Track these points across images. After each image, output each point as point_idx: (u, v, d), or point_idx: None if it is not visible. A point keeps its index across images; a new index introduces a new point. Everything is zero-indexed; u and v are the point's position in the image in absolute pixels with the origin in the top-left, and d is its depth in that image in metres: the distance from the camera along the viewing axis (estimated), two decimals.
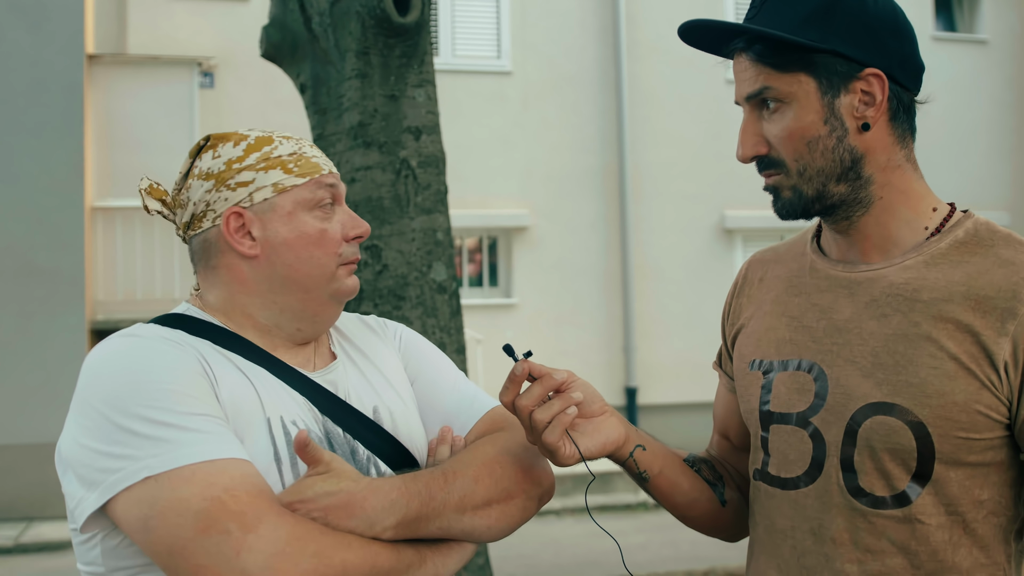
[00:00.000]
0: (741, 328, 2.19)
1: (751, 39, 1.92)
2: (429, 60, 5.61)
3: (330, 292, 2.00)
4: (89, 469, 1.69)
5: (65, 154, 12.00)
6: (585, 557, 9.52)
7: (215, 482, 1.64)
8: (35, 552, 10.41)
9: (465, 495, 1.90)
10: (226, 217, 1.94)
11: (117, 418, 1.69)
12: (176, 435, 1.67)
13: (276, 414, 1.86)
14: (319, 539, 1.67)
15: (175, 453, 1.65)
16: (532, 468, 2.05)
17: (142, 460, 1.65)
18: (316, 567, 1.64)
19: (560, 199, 15.46)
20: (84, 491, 1.70)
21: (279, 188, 1.94)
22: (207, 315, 1.97)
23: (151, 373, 1.74)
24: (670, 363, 15.59)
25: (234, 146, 1.96)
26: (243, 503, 1.63)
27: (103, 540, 1.75)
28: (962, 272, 1.85)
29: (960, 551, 1.84)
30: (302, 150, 1.99)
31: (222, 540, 1.60)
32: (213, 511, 1.62)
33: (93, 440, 1.70)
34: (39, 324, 11.74)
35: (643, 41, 15.74)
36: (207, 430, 1.70)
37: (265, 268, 1.95)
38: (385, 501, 1.77)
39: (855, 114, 1.89)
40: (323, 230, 1.97)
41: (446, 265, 5.49)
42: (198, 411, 1.72)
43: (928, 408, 1.80)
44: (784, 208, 1.97)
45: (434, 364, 2.25)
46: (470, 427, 2.14)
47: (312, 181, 1.97)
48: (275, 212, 1.94)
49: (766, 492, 2.05)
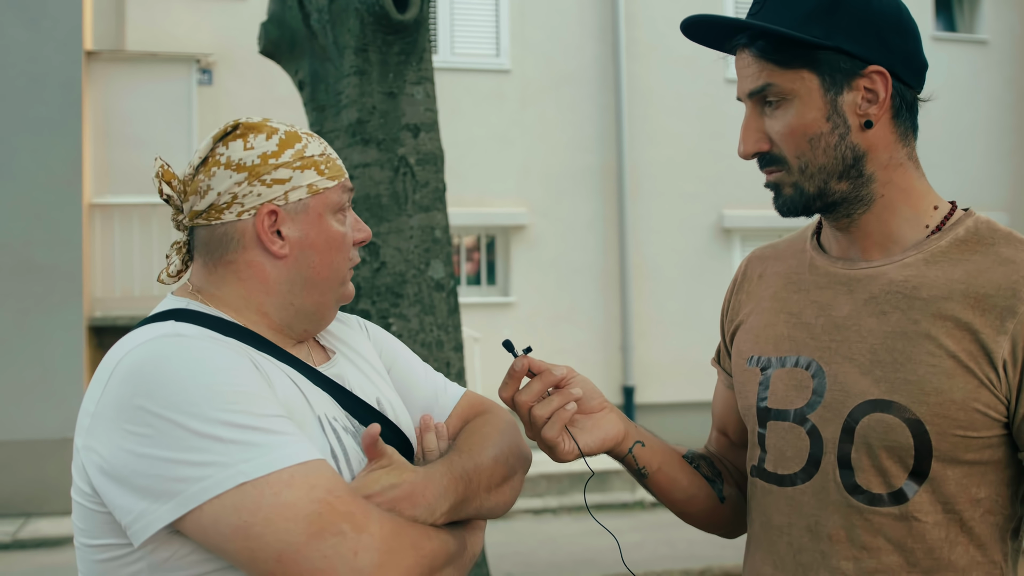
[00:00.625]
0: (740, 324, 2.19)
1: (754, 35, 1.92)
2: (428, 57, 5.61)
3: (338, 295, 2.00)
4: (157, 479, 1.60)
5: (63, 151, 11.99)
6: (582, 555, 9.52)
7: (316, 484, 1.62)
8: (32, 548, 10.41)
9: (491, 476, 1.96)
10: (262, 213, 1.88)
11: (193, 424, 1.61)
12: (263, 438, 1.63)
13: (323, 412, 1.86)
14: (411, 532, 1.70)
15: (268, 456, 1.61)
16: (520, 445, 2.12)
17: (233, 466, 1.59)
18: (416, 560, 1.68)
19: (558, 198, 15.46)
20: (148, 503, 1.61)
21: (313, 189, 1.91)
22: (217, 311, 1.91)
23: (218, 375, 1.67)
24: (667, 362, 15.59)
25: (267, 139, 1.90)
26: (348, 503, 1.62)
27: (151, 553, 1.67)
28: (962, 270, 1.85)
29: (957, 549, 1.84)
30: (328, 151, 1.98)
31: (339, 542, 1.58)
32: (324, 513, 1.59)
33: (159, 449, 1.60)
34: (37, 321, 11.74)
35: (642, 40, 15.74)
36: (290, 431, 1.67)
37: (290, 269, 1.92)
38: (439, 489, 1.81)
39: (858, 111, 1.88)
40: (344, 234, 1.97)
41: (444, 263, 5.49)
42: (275, 412, 1.68)
43: (926, 406, 1.80)
44: (785, 205, 1.97)
45: (403, 353, 2.27)
46: (449, 412, 2.17)
47: (339, 185, 1.96)
48: (307, 213, 1.91)
49: (763, 489, 2.05)
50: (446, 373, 5.38)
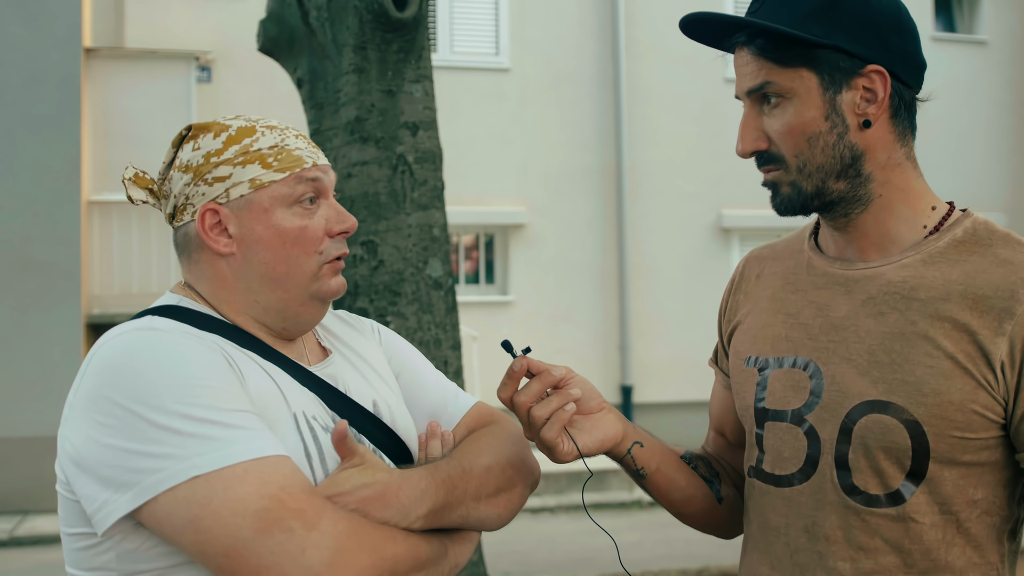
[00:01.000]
0: (737, 325, 2.19)
1: (753, 33, 1.91)
2: (427, 55, 5.61)
3: (311, 292, 1.94)
4: (118, 470, 1.62)
5: (62, 148, 11.99)
6: (579, 554, 9.52)
7: (269, 480, 1.61)
8: (30, 545, 10.41)
9: (481, 484, 1.92)
10: (201, 214, 1.88)
11: (153, 416, 1.62)
12: (222, 432, 1.63)
13: (299, 409, 1.84)
14: (372, 533, 1.67)
15: (224, 451, 1.61)
16: (527, 457, 2.08)
17: (188, 459, 1.60)
18: (373, 561, 1.64)
19: (557, 197, 15.46)
20: (110, 493, 1.63)
21: (256, 184, 1.87)
22: (203, 308, 1.91)
23: (184, 368, 1.68)
24: (666, 362, 15.60)
25: (214, 137, 1.89)
26: (300, 500, 1.61)
27: (120, 543, 1.68)
28: (960, 271, 1.85)
29: (953, 550, 1.84)
30: (285, 142, 1.92)
31: (286, 539, 1.58)
32: (273, 509, 1.59)
33: (122, 439, 1.62)
34: (35, 318, 11.74)
35: (641, 39, 15.75)
36: (252, 426, 1.67)
37: (243, 266, 1.90)
38: (416, 491, 1.77)
39: (856, 111, 1.88)
40: (302, 227, 1.91)
41: (442, 261, 5.49)
42: (239, 407, 1.68)
43: (924, 407, 1.79)
44: (782, 204, 1.96)
45: (415, 360, 2.25)
46: (456, 421, 2.14)
47: (292, 176, 1.90)
48: (251, 209, 1.88)
49: (760, 489, 2.04)
50: (444, 371, 5.38)
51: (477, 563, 5.70)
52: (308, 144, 1.97)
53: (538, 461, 2.15)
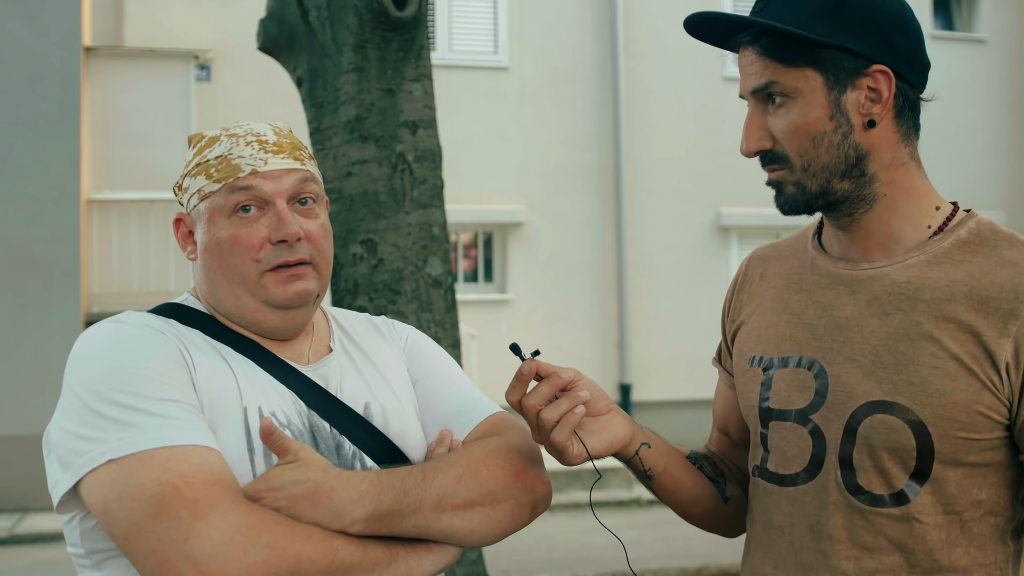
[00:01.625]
0: (741, 324, 2.19)
1: (758, 33, 1.91)
2: (426, 54, 5.61)
3: (261, 298, 1.94)
4: (65, 451, 1.72)
5: (61, 146, 11.99)
6: (579, 553, 9.53)
7: (172, 468, 1.64)
8: (29, 543, 10.42)
9: (444, 493, 1.85)
10: (175, 222, 2.04)
11: (90, 401, 1.72)
12: (141, 419, 1.69)
13: (254, 404, 1.85)
14: (274, 529, 1.63)
15: (138, 437, 1.67)
16: (524, 473, 2.01)
17: (107, 443, 1.67)
18: (267, 557, 1.60)
19: (556, 195, 15.46)
20: (60, 472, 1.73)
21: (202, 195, 1.95)
22: (202, 306, 2.01)
23: (125, 358, 1.77)
24: (664, 360, 15.60)
25: (191, 147, 2.02)
26: (197, 490, 1.63)
27: (80, 522, 1.79)
28: (964, 272, 1.85)
29: (957, 550, 1.85)
30: (231, 151, 1.94)
31: (172, 526, 1.59)
32: (166, 496, 1.61)
33: (70, 423, 1.73)
34: (34, 316, 11.74)
35: (640, 38, 15.75)
36: (173, 416, 1.71)
37: (202, 271, 1.99)
38: (354, 493, 1.73)
39: (861, 111, 1.88)
40: (234, 237, 1.92)
41: (442, 260, 5.49)
42: (168, 396, 1.73)
43: (928, 408, 1.80)
44: (787, 203, 1.97)
45: (439, 366, 2.22)
46: (470, 430, 2.10)
47: (225, 186, 1.92)
48: (200, 219, 1.97)
49: (764, 488, 2.05)
50: None
51: (476, 561, 5.71)
52: (260, 150, 1.95)
53: (546, 479, 2.07)
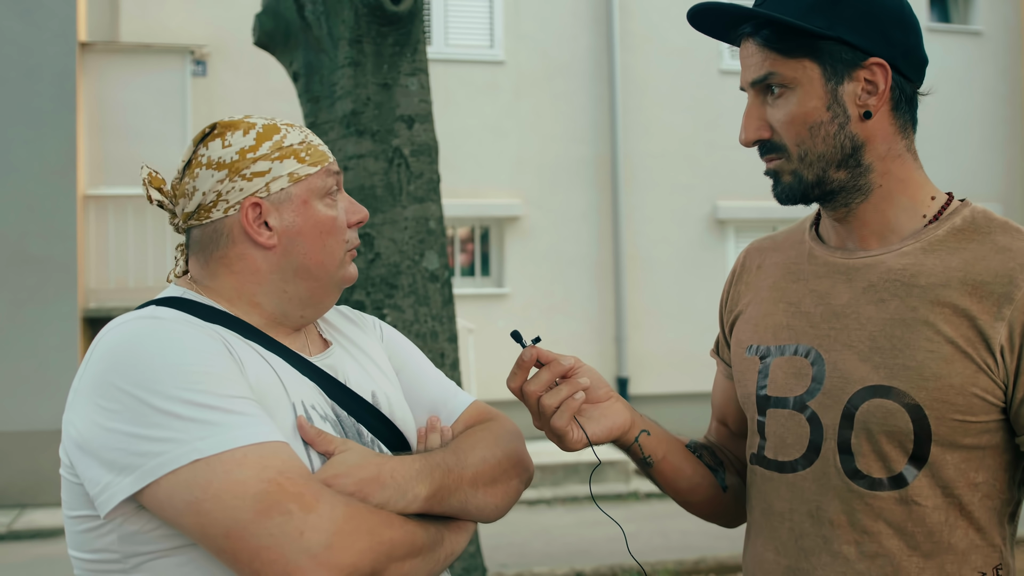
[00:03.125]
0: (739, 315, 2.21)
1: (759, 24, 1.95)
2: (422, 49, 5.62)
3: (337, 279, 2.03)
4: (121, 453, 1.67)
5: (57, 142, 11.98)
6: (576, 546, 9.55)
7: (268, 464, 1.65)
8: (28, 539, 10.41)
9: (477, 472, 1.97)
10: (245, 207, 1.93)
11: (155, 401, 1.67)
12: (221, 417, 1.67)
13: (299, 399, 1.88)
14: (369, 517, 1.70)
15: (224, 435, 1.66)
16: (522, 453, 2.12)
17: (189, 443, 1.64)
18: (370, 545, 1.67)
19: (552, 189, 15.46)
20: (112, 476, 1.67)
21: (294, 177, 1.95)
22: (209, 300, 1.96)
23: (186, 355, 1.73)
24: (661, 353, 15.60)
25: (244, 134, 1.95)
26: (300, 484, 1.65)
27: (122, 526, 1.73)
28: (959, 258, 1.88)
29: (956, 532, 1.87)
30: (309, 139, 2.01)
31: (284, 521, 1.61)
32: (272, 492, 1.62)
33: (124, 424, 1.67)
34: (31, 312, 11.73)
35: (636, 31, 15.74)
36: (251, 412, 1.71)
37: (281, 258, 1.96)
38: (411, 471, 1.82)
39: (857, 102, 1.91)
40: (334, 217, 2.00)
41: (438, 254, 5.51)
42: (238, 393, 1.73)
43: (925, 391, 1.82)
44: (784, 192, 2.00)
45: (415, 357, 2.29)
46: (456, 417, 2.18)
47: (323, 169, 1.99)
48: (291, 201, 1.95)
49: (763, 476, 2.07)
50: (440, 364, 5.40)
51: (474, 555, 5.72)
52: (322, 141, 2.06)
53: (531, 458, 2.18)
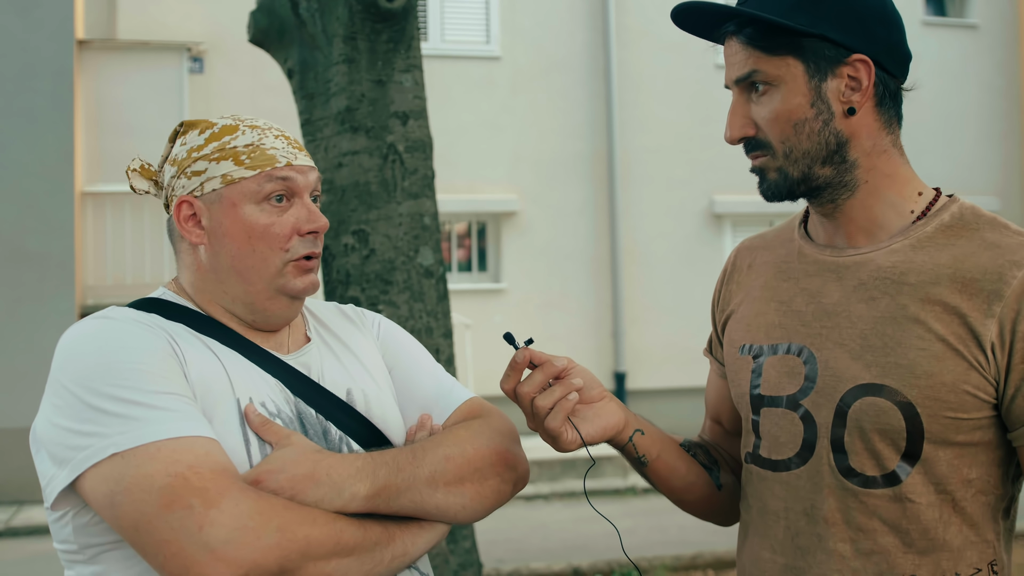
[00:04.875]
0: (731, 314, 2.22)
1: (742, 23, 1.95)
2: (416, 45, 5.61)
3: (276, 288, 2.00)
4: (60, 447, 1.73)
5: (55, 139, 11.99)
6: (573, 542, 9.55)
7: (179, 459, 1.67)
8: (25, 536, 10.43)
9: (436, 471, 1.93)
10: (176, 205, 2.00)
11: (87, 397, 1.73)
12: (143, 413, 1.71)
13: (246, 395, 1.89)
14: (283, 514, 1.70)
15: (142, 430, 1.69)
16: (506, 452, 2.08)
17: (110, 437, 1.69)
18: (279, 541, 1.66)
19: (549, 184, 15.46)
20: (55, 469, 1.74)
21: (227, 180, 1.96)
22: (181, 299, 2.02)
23: (120, 353, 1.78)
24: (659, 348, 15.61)
25: (199, 134, 2.00)
26: (206, 479, 1.66)
27: (74, 518, 1.79)
28: (948, 255, 1.88)
29: (951, 529, 1.87)
30: (262, 141, 1.99)
31: (185, 515, 1.63)
32: (176, 487, 1.64)
33: (64, 419, 1.74)
34: (29, 309, 11.75)
35: (632, 26, 15.74)
36: (174, 408, 1.74)
37: (212, 257, 1.99)
38: (351, 469, 1.82)
39: (841, 98, 1.92)
40: (268, 224, 1.98)
41: (433, 250, 5.50)
42: (166, 390, 1.75)
43: (917, 388, 1.82)
44: (769, 190, 2.00)
45: (412, 354, 2.29)
46: (448, 415, 2.16)
47: (262, 174, 1.97)
48: (221, 203, 1.97)
49: (758, 475, 2.07)
50: (436, 359, 5.39)
51: (470, 550, 5.72)
52: (288, 145, 2.03)
53: (525, 458, 2.15)
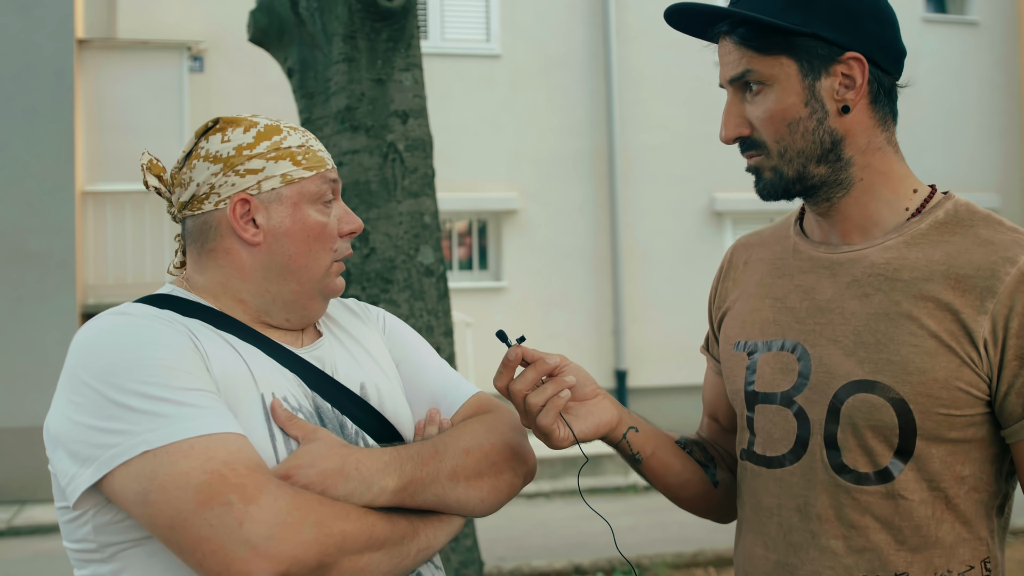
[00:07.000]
0: (727, 311, 2.22)
1: (735, 22, 1.96)
2: (416, 44, 5.61)
3: (320, 288, 2.04)
4: (83, 445, 1.71)
5: (55, 139, 12.00)
6: (574, 539, 9.54)
7: (214, 455, 1.67)
8: (27, 535, 10.43)
9: (457, 465, 1.95)
10: (233, 203, 1.96)
11: (112, 394, 1.70)
12: (173, 410, 1.69)
13: (268, 390, 1.89)
14: (319, 509, 1.70)
15: (173, 427, 1.68)
16: (518, 446, 2.10)
17: (140, 435, 1.67)
18: (317, 536, 1.67)
19: (549, 182, 15.45)
20: (77, 467, 1.71)
21: (287, 179, 1.98)
22: (194, 296, 2.00)
23: (145, 349, 1.76)
24: (660, 345, 15.60)
25: (244, 132, 1.99)
26: (242, 475, 1.66)
27: (94, 516, 1.77)
28: (942, 252, 1.88)
29: (943, 526, 1.87)
30: (309, 143, 2.03)
31: (224, 512, 1.62)
32: (213, 483, 1.64)
33: (87, 416, 1.71)
34: (30, 308, 11.75)
35: (632, 24, 15.73)
36: (203, 404, 1.73)
37: (264, 256, 1.99)
38: (379, 463, 1.82)
39: (835, 97, 1.91)
40: (324, 224, 2.02)
41: (433, 248, 5.51)
42: (193, 386, 1.74)
43: (909, 385, 1.82)
44: (765, 189, 2.01)
45: (418, 349, 2.29)
46: (456, 409, 2.17)
47: (318, 175, 2.01)
48: (281, 202, 1.98)
49: (752, 471, 2.08)
50: None
51: (471, 548, 5.72)
52: (324, 148, 2.07)
53: (534, 452, 2.16)
